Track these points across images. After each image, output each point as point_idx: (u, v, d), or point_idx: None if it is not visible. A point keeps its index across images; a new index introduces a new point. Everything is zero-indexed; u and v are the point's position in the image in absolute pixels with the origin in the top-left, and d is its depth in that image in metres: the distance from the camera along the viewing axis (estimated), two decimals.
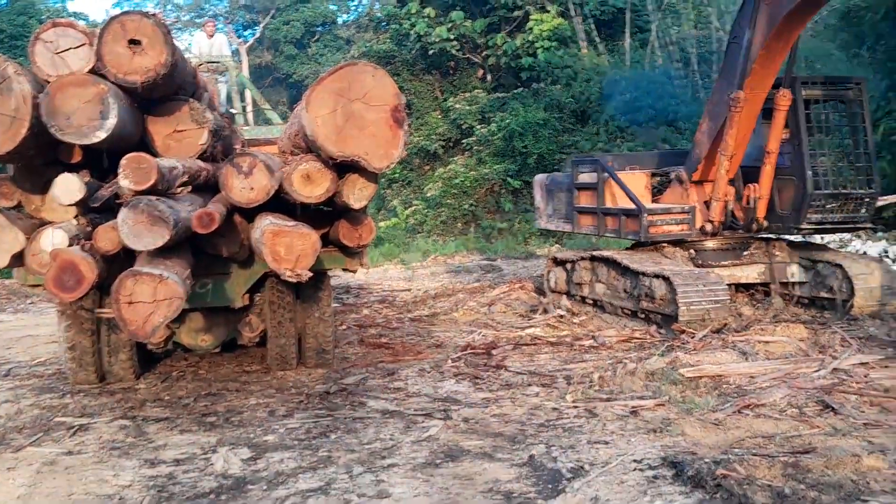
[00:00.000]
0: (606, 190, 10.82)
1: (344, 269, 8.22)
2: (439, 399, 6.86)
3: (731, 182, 10.15)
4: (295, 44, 42.39)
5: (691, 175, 10.51)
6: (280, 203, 6.19)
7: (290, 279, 5.67)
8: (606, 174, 10.77)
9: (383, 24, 31.93)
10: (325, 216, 7.19)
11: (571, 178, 11.59)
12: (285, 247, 5.66)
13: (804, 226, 9.77)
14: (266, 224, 5.82)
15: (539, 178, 13.08)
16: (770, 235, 10.45)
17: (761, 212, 9.96)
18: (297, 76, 39.52)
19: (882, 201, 14.83)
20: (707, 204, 10.30)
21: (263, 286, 7.72)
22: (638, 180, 10.89)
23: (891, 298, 9.41)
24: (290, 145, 6.59)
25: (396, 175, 27.77)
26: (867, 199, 9.75)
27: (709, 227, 10.13)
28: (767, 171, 9.79)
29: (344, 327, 10.49)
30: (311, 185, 5.95)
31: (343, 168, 5.99)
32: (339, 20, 45.30)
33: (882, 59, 17.29)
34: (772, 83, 9.47)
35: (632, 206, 10.27)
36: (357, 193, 6.25)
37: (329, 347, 8.10)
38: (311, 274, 5.71)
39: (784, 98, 9.41)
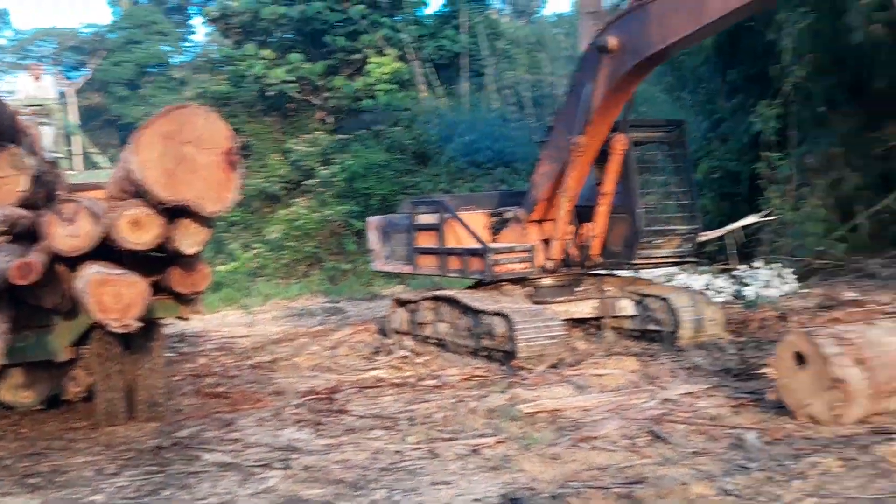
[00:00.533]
0: (448, 230, 10.96)
1: (178, 318, 7.95)
2: (279, 448, 6.69)
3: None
4: (126, 85, 41.17)
5: (529, 215, 10.80)
6: (108, 251, 5.92)
7: (118, 330, 5.42)
8: (448, 215, 10.92)
9: (219, 65, 31.44)
10: (156, 263, 6.92)
11: (410, 219, 11.64)
12: (112, 296, 5.42)
13: (636, 261, 10.23)
14: (91, 273, 5.56)
15: (373, 219, 13.04)
16: (602, 271, 10.87)
17: (596, 249, 10.35)
18: (128, 118, 38.27)
19: (704, 237, 15.75)
20: (546, 242, 10.62)
21: (90, 338, 7.33)
22: (477, 220, 11.10)
23: (714, 329, 9.96)
24: (118, 190, 6.33)
25: (236, 218, 27.23)
26: (691, 235, 10.32)
27: (549, 265, 10.44)
28: (602, 211, 10.20)
29: (178, 377, 10.10)
30: (139, 231, 5.73)
31: (174, 213, 5.81)
32: (173, 61, 44.28)
33: (702, 101, 18.43)
34: (609, 128, 9.92)
35: (476, 245, 10.45)
36: (189, 239, 6.07)
37: (161, 400, 7.77)
38: (140, 324, 5.49)
39: (619, 143, 9.87)
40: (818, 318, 10.44)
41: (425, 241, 11.42)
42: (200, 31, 59.95)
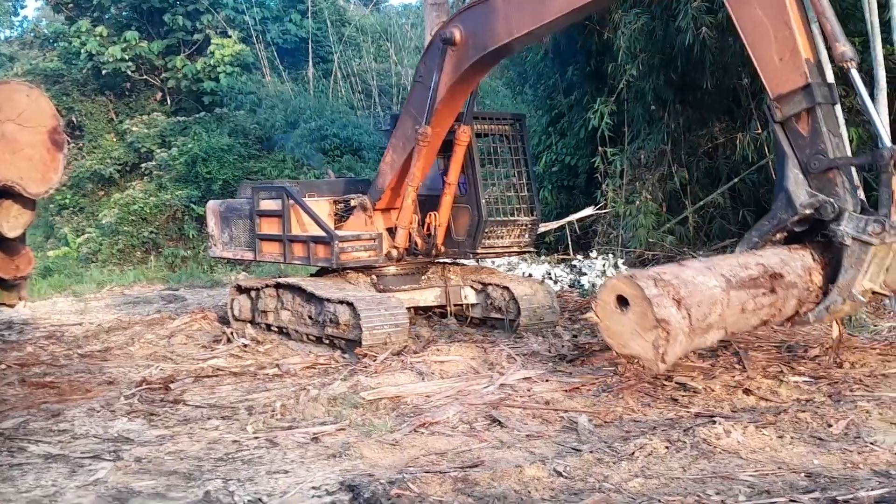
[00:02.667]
0: (293, 217, 10.79)
1: (0, 304, 7.48)
2: (109, 439, 6.42)
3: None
4: None
5: (375, 203, 10.80)
6: None
7: None
8: (293, 201, 10.74)
9: (50, 41, 29.77)
10: None
11: (252, 205, 11.39)
12: None
13: (479, 251, 10.43)
14: None
15: (212, 204, 12.60)
16: (446, 260, 11.02)
17: (440, 238, 10.48)
18: None
19: (543, 227, 16.24)
20: (391, 231, 10.64)
21: None
22: (322, 208, 10.99)
23: (551, 316, 10.29)
24: None
25: (67, 201, 25.94)
26: (530, 226, 10.62)
27: (394, 253, 10.47)
28: (447, 201, 10.33)
29: (2, 367, 9.53)
30: None
31: None
32: (1, 36, 41.62)
33: (542, 96, 18.94)
34: (454, 119, 10.05)
35: (321, 233, 10.34)
36: (11, 221, 5.74)
37: None
38: None
39: (464, 134, 10.04)
40: None
41: (268, 227, 11.21)
42: (31, 4, 56.47)
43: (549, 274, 14.55)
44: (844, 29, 12.91)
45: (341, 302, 9.55)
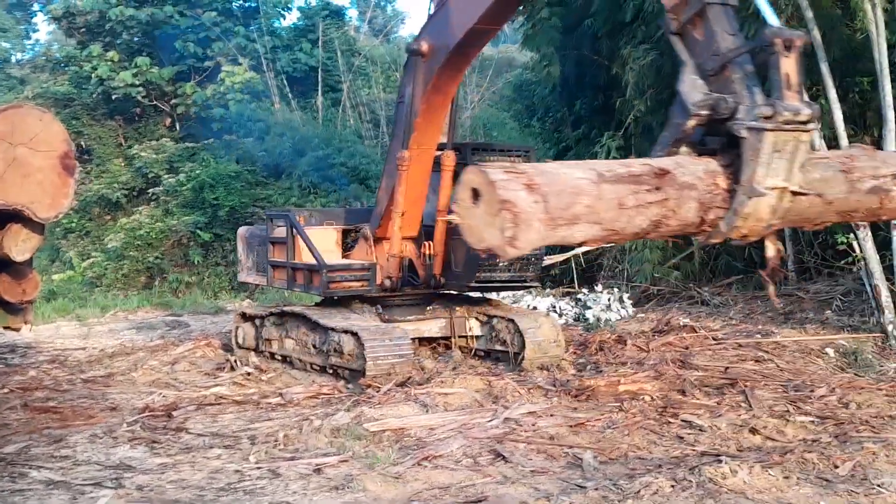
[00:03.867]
0: (296, 245, 10.82)
1: (5, 328, 7.47)
2: (111, 466, 6.40)
3: (416, 239, 10.59)
4: None
5: (375, 231, 10.82)
6: None
7: None
8: (294, 229, 10.77)
9: (62, 65, 29.98)
10: None
11: (267, 232, 11.52)
12: None
13: (474, 284, 10.36)
14: None
15: (241, 230, 12.89)
16: (452, 291, 10.99)
17: (437, 269, 10.45)
18: None
19: (549, 260, 16.22)
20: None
21: None
22: (329, 236, 11.02)
23: (556, 350, 10.23)
24: None
25: (73, 225, 25.96)
26: (533, 260, 10.55)
27: (388, 283, 10.44)
28: (440, 229, 10.31)
29: (5, 391, 9.51)
30: None
31: (4, 217, 5.48)
32: (13, 59, 41.97)
33: (550, 129, 19.05)
34: (437, 141, 10.06)
35: (313, 262, 10.37)
36: (20, 245, 5.74)
37: None
38: None
39: (448, 158, 10.05)
40: (653, 341, 10.95)
41: (278, 254, 11.29)
42: (43, 28, 57.07)
43: (554, 307, 14.50)
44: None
45: (345, 331, 9.52)
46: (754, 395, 7.64)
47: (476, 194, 5.73)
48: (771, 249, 6.89)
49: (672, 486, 5.31)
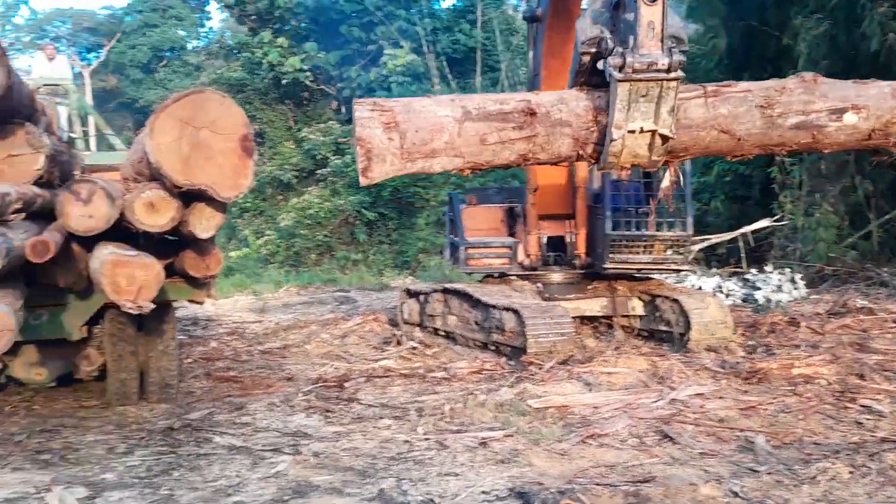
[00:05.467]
0: (457, 223, 11.07)
1: (190, 301, 7.97)
2: (288, 434, 6.72)
3: (562, 217, 10.52)
4: (141, 68, 41.22)
5: (523, 210, 10.88)
6: (122, 232, 5.94)
7: (132, 311, 5.43)
8: (458, 206, 11.05)
9: (234, 51, 31.48)
10: (170, 245, 6.93)
11: (446, 212, 11.98)
12: (126, 277, 5.42)
13: (608, 265, 10.14)
14: (106, 254, 5.57)
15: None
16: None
17: (580, 247, 10.35)
18: (143, 101, 38.35)
19: (715, 238, 15.73)
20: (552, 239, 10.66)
21: (103, 318, 7.37)
22: (493, 214, 11.14)
23: (724, 332, 9.91)
24: (133, 172, 6.34)
25: (248, 204, 27.31)
26: (679, 242, 10.20)
27: (526, 261, 10.41)
28: (579, 207, 10.21)
29: (190, 360, 10.14)
30: (154, 214, 5.73)
31: (189, 197, 5.81)
32: (189, 46, 44.34)
33: None
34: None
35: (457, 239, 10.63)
36: (204, 223, 6.06)
37: (173, 381, 7.80)
38: (153, 306, 5.49)
39: None
40: (828, 324, 10.44)
41: (452, 232, 11.63)
42: (216, 16, 60.01)
43: (720, 287, 14.07)
44: None
45: (507, 309, 9.59)
46: None
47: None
48: (665, 180, 6.92)
49: (850, 473, 5.08)
